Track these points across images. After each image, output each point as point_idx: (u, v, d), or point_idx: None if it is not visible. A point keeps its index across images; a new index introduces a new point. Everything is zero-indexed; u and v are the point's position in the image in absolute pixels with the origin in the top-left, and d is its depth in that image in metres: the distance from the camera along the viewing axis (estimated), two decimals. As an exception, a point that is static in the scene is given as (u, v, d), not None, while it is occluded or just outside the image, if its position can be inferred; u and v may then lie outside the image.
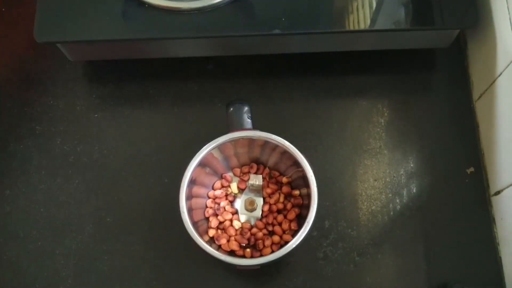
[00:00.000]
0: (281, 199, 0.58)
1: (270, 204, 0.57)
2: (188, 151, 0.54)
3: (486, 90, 0.60)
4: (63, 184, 0.62)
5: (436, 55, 0.67)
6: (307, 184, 0.53)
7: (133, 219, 0.60)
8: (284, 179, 0.58)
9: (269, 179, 0.59)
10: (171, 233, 0.58)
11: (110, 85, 0.67)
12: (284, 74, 0.67)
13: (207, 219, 0.57)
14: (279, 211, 0.57)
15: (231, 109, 0.55)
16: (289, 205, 0.57)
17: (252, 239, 0.56)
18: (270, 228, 0.57)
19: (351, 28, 0.58)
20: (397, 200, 0.61)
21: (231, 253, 0.55)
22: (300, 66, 0.67)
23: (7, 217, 0.61)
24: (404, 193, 0.61)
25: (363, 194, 0.61)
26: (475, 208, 0.60)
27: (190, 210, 0.53)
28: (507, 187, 0.56)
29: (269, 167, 0.60)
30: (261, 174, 0.59)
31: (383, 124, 0.64)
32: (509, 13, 0.54)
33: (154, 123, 0.65)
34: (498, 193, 0.58)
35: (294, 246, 0.50)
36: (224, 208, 0.57)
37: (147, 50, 0.63)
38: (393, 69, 0.66)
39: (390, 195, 0.61)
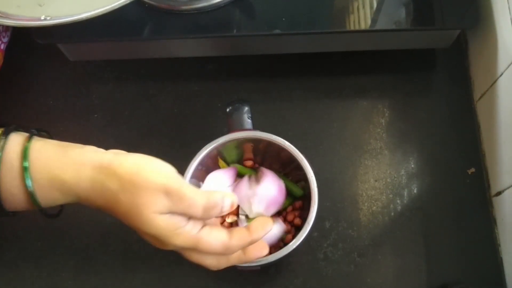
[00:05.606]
0: (281, 200, 0.57)
1: (270, 205, 0.57)
2: (188, 151, 0.53)
3: (487, 90, 0.60)
4: (63, 184, 0.62)
5: (437, 55, 0.67)
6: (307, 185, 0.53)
7: (133, 220, 0.60)
8: (284, 180, 0.58)
9: (269, 179, 0.59)
10: (171, 233, 0.58)
11: (110, 85, 0.67)
12: (284, 74, 0.67)
13: (207, 219, 0.57)
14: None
15: (231, 109, 0.55)
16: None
17: (252, 240, 0.55)
18: (270, 229, 0.56)
19: (352, 28, 0.58)
20: (398, 201, 0.61)
21: (231, 253, 0.55)
22: (300, 66, 0.66)
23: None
24: (405, 194, 0.61)
25: (364, 194, 0.61)
26: (476, 208, 0.60)
27: (190, 211, 0.52)
28: (508, 187, 0.56)
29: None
30: (261, 174, 0.58)
31: (383, 124, 0.64)
32: (510, 13, 0.54)
33: (154, 123, 0.65)
34: (499, 193, 0.58)
35: (294, 246, 0.50)
36: (224, 208, 0.57)
37: (147, 50, 0.63)
38: (393, 69, 0.66)
39: (390, 195, 0.61)
